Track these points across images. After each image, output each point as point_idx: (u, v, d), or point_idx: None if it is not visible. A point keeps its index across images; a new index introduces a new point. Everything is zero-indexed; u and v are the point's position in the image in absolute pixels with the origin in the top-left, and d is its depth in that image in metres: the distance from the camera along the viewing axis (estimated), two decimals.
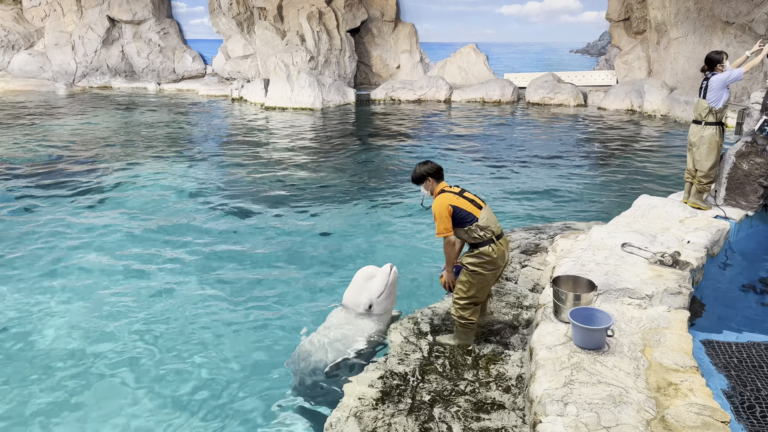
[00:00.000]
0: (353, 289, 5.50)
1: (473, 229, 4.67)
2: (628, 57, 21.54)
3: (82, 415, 4.76)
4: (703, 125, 7.05)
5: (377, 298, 5.40)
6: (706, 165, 7.05)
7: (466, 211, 4.67)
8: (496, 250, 4.72)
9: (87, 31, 26.24)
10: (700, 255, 5.83)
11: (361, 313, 5.41)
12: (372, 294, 5.39)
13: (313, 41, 21.90)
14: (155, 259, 7.79)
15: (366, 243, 8.37)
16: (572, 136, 16.29)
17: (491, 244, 4.69)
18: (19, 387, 5.10)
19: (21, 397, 4.97)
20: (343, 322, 5.41)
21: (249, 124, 18.09)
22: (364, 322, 5.36)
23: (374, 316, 5.42)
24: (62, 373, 5.29)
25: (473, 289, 4.83)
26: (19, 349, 5.67)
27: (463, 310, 4.87)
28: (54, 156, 13.52)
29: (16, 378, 5.22)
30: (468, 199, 4.76)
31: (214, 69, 26.39)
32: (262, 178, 11.85)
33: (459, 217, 4.66)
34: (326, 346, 5.16)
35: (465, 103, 22.09)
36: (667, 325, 4.67)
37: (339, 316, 5.50)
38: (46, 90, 24.91)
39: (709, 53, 7.11)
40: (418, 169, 4.89)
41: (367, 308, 5.38)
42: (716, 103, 6.91)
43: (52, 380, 5.19)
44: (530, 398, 3.95)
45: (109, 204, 10.08)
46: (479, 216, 4.68)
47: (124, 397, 4.95)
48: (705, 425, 3.46)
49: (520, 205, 10.08)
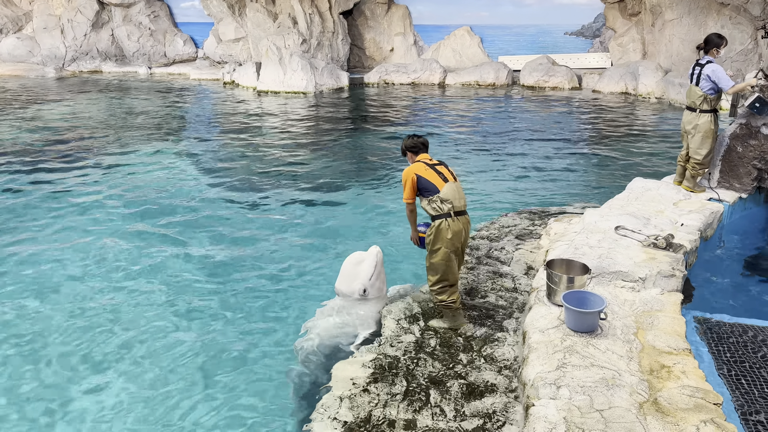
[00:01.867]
0: (345, 277, 5.48)
1: (434, 200, 4.85)
2: (623, 39, 21.41)
3: (72, 405, 4.74)
4: (697, 113, 6.92)
5: (369, 281, 5.40)
6: (701, 153, 6.98)
7: (430, 182, 4.87)
8: (451, 225, 4.81)
9: (76, 15, 25.86)
10: (693, 238, 5.83)
11: (358, 299, 5.39)
12: (364, 278, 5.38)
13: (305, 24, 21.66)
14: (145, 243, 7.73)
15: (359, 226, 8.33)
16: (567, 119, 16.23)
17: (447, 219, 4.82)
18: (10, 379, 5.07)
19: (15, 392, 4.94)
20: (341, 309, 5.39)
21: (241, 108, 17.94)
22: (363, 308, 5.35)
23: (371, 301, 5.41)
24: (53, 356, 5.25)
25: (439, 271, 4.90)
26: (10, 336, 5.63)
27: (438, 294, 4.97)
28: (44, 141, 13.37)
29: (7, 367, 5.19)
30: (438, 172, 4.94)
31: (206, 52, 26.10)
32: (254, 162, 11.76)
33: (422, 186, 4.89)
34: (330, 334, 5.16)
35: (459, 86, 21.95)
36: (660, 307, 4.67)
37: (337, 304, 5.48)
38: (35, 74, 24.60)
39: (711, 34, 6.89)
40: (403, 143, 5.20)
41: (362, 293, 5.37)
42: (710, 91, 6.81)
43: (45, 362, 5.16)
44: (523, 381, 3.95)
45: (99, 189, 9.98)
46: (441, 189, 4.86)
47: (120, 378, 4.93)
48: (697, 407, 3.46)
49: (514, 189, 10.04)
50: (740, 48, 17.57)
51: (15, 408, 4.66)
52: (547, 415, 3.44)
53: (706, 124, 6.90)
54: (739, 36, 17.54)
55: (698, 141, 6.97)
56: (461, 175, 10.80)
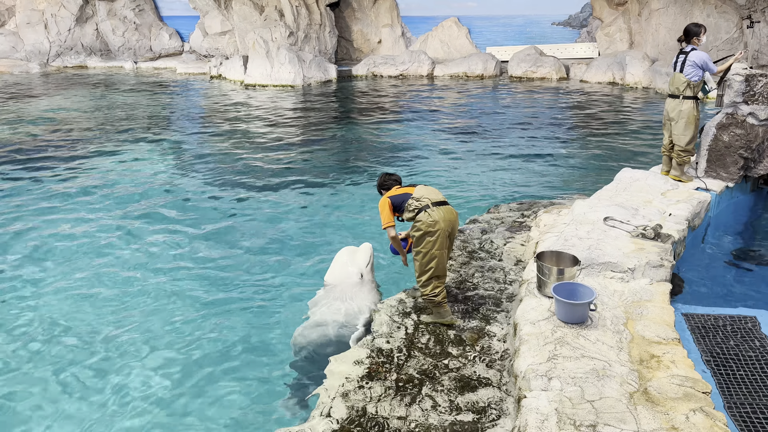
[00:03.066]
0: (339, 265, 5.49)
1: (410, 203, 4.94)
2: (610, 29, 21.48)
3: (68, 403, 4.72)
4: (681, 99, 7.00)
5: (366, 267, 5.46)
6: (684, 140, 7.05)
7: (402, 194, 5.04)
8: (432, 214, 4.83)
9: (60, 9, 25.55)
10: (681, 227, 5.88)
11: (353, 284, 5.40)
12: (360, 264, 5.45)
13: (292, 16, 21.53)
14: (133, 239, 7.69)
15: (349, 221, 8.33)
16: (555, 109, 16.28)
17: (426, 209, 4.86)
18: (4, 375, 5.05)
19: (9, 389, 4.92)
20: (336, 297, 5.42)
21: (229, 102, 17.83)
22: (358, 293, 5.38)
23: (365, 290, 5.43)
24: (43, 356, 5.23)
25: (424, 261, 4.88)
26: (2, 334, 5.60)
27: (424, 286, 4.94)
28: (28, 138, 13.23)
29: None
30: (406, 186, 5.18)
31: (192, 46, 25.90)
32: (243, 157, 11.71)
33: (398, 202, 5.01)
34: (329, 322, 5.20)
35: (448, 77, 21.94)
36: (650, 297, 4.71)
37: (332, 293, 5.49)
38: (19, 71, 24.31)
39: (689, 25, 7.06)
40: (378, 180, 5.39)
41: (359, 277, 5.40)
42: (695, 78, 6.88)
43: (39, 362, 5.14)
44: (515, 373, 3.98)
45: (86, 185, 9.90)
46: (413, 192, 5.00)
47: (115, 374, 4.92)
48: (687, 396, 3.51)
49: (503, 180, 10.08)
50: (726, 37, 17.68)
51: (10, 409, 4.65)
52: (538, 406, 3.47)
53: (689, 110, 6.99)
54: (725, 25, 17.65)
55: (681, 127, 7.04)
56: (450, 167, 10.82)
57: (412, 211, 4.91)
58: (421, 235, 4.85)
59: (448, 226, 4.89)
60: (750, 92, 7.14)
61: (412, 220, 4.95)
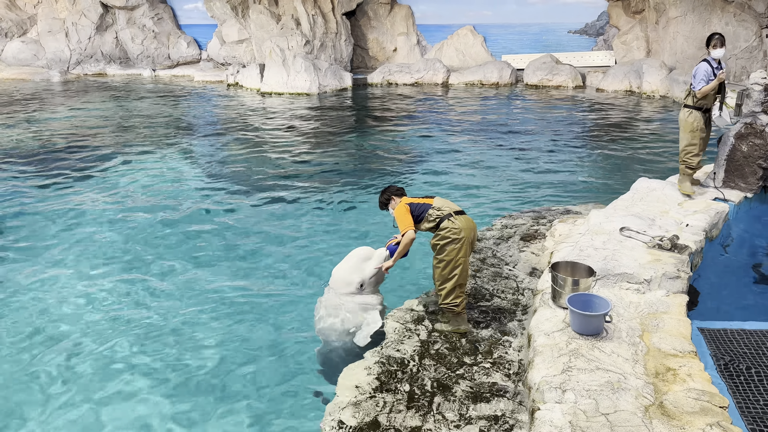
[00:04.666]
0: (347, 268, 5.50)
1: (430, 213, 4.99)
2: (627, 37, 21.35)
3: (84, 399, 4.76)
4: (683, 107, 7.15)
5: (369, 279, 5.46)
6: (681, 146, 7.14)
7: (421, 204, 5.07)
8: (455, 222, 4.87)
9: (80, 18, 25.95)
10: (698, 238, 5.81)
11: (352, 292, 5.42)
12: (365, 275, 5.45)
13: (308, 25, 21.67)
14: (152, 244, 7.77)
15: (362, 226, 8.35)
16: (571, 118, 16.20)
17: (449, 218, 4.90)
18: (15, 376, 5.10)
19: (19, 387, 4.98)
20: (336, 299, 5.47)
21: (245, 110, 17.97)
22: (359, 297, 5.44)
23: (365, 294, 5.47)
24: (57, 358, 5.28)
25: (448, 269, 4.87)
26: (20, 339, 5.66)
27: (447, 296, 4.93)
28: (49, 145, 13.42)
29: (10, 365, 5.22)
30: (420, 197, 5.21)
31: (209, 54, 26.15)
32: (258, 163, 11.78)
33: (417, 211, 5.03)
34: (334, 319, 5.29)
35: (463, 85, 21.93)
36: (666, 309, 4.66)
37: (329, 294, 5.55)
38: (40, 78, 24.70)
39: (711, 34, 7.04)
40: (380, 197, 5.35)
41: (358, 287, 5.42)
42: (694, 86, 6.91)
43: (52, 365, 5.19)
44: (529, 385, 3.95)
45: (106, 191, 10.02)
46: (433, 203, 5.06)
47: (125, 379, 4.96)
48: (703, 410, 3.45)
49: (519, 189, 10.03)
50: (745, 45, 17.50)
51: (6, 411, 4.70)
52: (552, 419, 3.44)
53: (684, 118, 7.05)
54: (744, 33, 17.47)
55: (680, 135, 7.16)
56: (465, 174, 10.80)
57: (433, 220, 4.95)
58: (446, 243, 4.86)
59: (470, 234, 4.90)
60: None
61: (432, 230, 4.98)
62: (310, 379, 4.99)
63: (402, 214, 5.00)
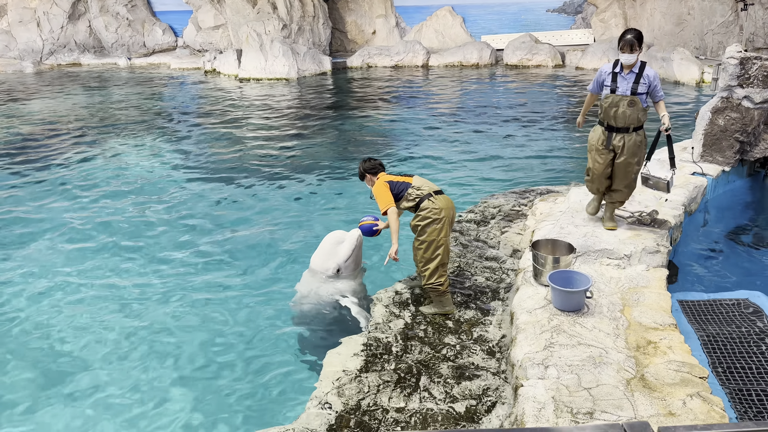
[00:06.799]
0: (322, 254, 5.54)
1: (410, 192, 4.94)
2: (605, 15, 21.38)
3: (70, 399, 4.72)
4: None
5: (345, 263, 5.47)
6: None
7: (400, 182, 5.01)
8: (436, 202, 4.85)
9: (52, 7, 25.36)
10: (677, 213, 5.87)
11: (330, 276, 5.45)
12: (340, 259, 5.46)
13: (285, 8, 21.39)
14: (128, 232, 7.68)
15: (344, 210, 8.32)
16: (551, 97, 16.23)
17: (429, 198, 4.87)
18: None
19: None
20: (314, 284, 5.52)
21: (223, 96, 17.76)
22: (337, 283, 5.48)
23: (344, 278, 5.49)
24: (42, 354, 5.23)
25: (430, 249, 4.86)
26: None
27: (431, 276, 4.90)
28: (23, 137, 13.17)
29: None
30: (398, 174, 5.16)
31: (185, 41, 25.73)
32: (238, 150, 11.67)
33: (396, 189, 4.97)
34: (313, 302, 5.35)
35: (443, 67, 21.85)
36: (646, 284, 4.71)
37: (309, 279, 5.59)
38: (12, 70, 24.17)
39: None
40: (360, 166, 5.24)
41: (335, 272, 5.43)
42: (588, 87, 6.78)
43: (40, 362, 5.14)
44: (511, 362, 3.98)
45: (83, 180, 9.87)
46: (412, 182, 5.01)
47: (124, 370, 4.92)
48: (684, 381, 3.51)
49: (501, 169, 10.05)
50: (721, 20, 17.61)
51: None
52: (535, 395, 3.47)
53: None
54: (720, 8, 17.57)
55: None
56: (446, 156, 10.79)
57: (413, 200, 4.90)
58: (428, 224, 4.83)
59: (450, 213, 4.90)
60: (745, 75, 7.11)
61: (412, 209, 4.95)
62: (293, 363, 4.99)
63: (382, 191, 4.93)
